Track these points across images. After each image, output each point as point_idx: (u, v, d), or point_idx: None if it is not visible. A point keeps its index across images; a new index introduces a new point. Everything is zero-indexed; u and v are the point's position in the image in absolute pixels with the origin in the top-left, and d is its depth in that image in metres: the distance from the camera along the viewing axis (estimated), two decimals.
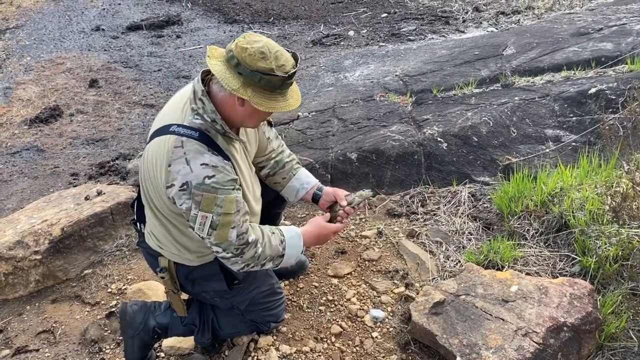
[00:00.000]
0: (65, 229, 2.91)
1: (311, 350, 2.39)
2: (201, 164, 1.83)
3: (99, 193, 3.25)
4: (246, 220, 1.96)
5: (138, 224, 2.22)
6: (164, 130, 1.91)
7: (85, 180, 3.78)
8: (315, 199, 2.43)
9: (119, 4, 7.73)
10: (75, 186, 3.64)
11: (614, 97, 3.50)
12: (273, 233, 2.07)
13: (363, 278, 2.75)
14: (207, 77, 1.96)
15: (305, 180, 2.43)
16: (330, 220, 2.31)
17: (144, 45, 6.38)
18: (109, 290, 2.84)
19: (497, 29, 5.80)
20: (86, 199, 3.20)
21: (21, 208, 3.35)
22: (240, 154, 2.06)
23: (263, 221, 2.24)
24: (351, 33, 6.23)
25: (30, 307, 2.79)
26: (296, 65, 1.88)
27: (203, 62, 5.75)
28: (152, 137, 1.96)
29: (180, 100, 1.99)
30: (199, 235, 1.91)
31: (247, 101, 1.84)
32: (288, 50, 1.91)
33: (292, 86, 1.94)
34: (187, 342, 2.43)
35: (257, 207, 2.16)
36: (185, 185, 1.83)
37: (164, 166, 1.85)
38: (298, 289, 2.72)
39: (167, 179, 1.85)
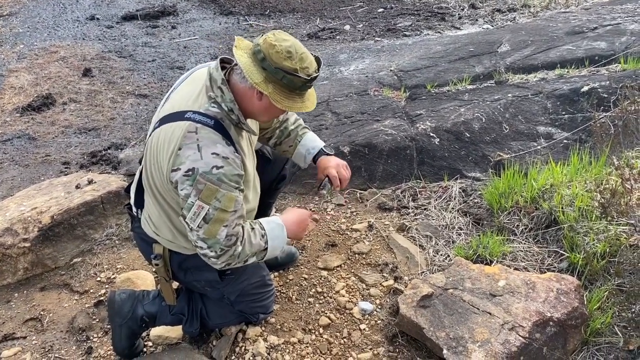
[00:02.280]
0: (55, 217, 2.90)
1: (299, 341, 2.40)
2: (212, 153, 1.83)
3: (90, 182, 3.24)
4: (239, 224, 1.94)
5: (134, 208, 2.21)
6: (178, 116, 1.90)
7: (76, 169, 3.76)
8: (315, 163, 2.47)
9: None
10: (66, 175, 3.62)
11: (606, 96, 3.52)
12: (253, 229, 2.02)
13: (353, 271, 2.76)
14: (224, 65, 1.96)
15: (310, 145, 2.44)
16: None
17: (139, 35, 6.35)
18: (98, 279, 2.83)
19: (492, 26, 5.81)
20: (77, 187, 3.19)
21: (11, 196, 3.33)
22: (247, 145, 2.07)
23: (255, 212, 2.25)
24: (347, 27, 6.22)
25: (18, 294, 2.78)
26: (319, 70, 1.91)
27: (198, 54, 5.73)
28: (162, 121, 1.95)
29: (194, 87, 1.98)
30: (189, 226, 1.89)
31: (266, 96, 1.86)
32: (312, 54, 1.93)
33: (310, 89, 1.97)
34: (175, 332, 2.43)
35: (256, 198, 2.17)
36: (190, 171, 1.82)
37: (174, 149, 1.85)
38: (288, 280, 2.72)
39: (174, 162, 1.85)
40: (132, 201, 2.23)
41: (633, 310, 2.27)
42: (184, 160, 1.83)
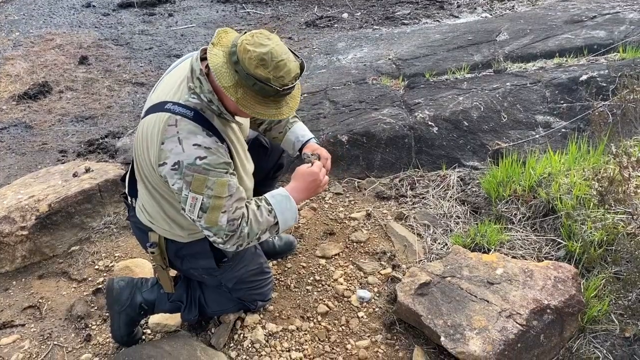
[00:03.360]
0: (52, 205, 2.89)
1: (297, 328, 2.41)
2: (193, 144, 1.81)
3: (87, 170, 3.23)
4: (240, 207, 1.91)
5: (129, 197, 2.21)
6: (158, 107, 1.89)
7: (73, 158, 3.75)
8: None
9: None
10: (63, 163, 3.61)
11: (604, 85, 3.51)
12: (259, 206, 2.00)
13: (351, 259, 2.77)
14: (206, 55, 1.93)
15: (300, 133, 2.38)
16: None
17: (135, 23, 6.30)
18: (96, 267, 2.83)
19: (491, 14, 5.78)
20: (74, 175, 3.18)
21: (8, 184, 3.32)
22: (236, 134, 2.04)
23: None
24: (345, 15, 6.18)
25: (16, 282, 2.78)
26: (299, 77, 1.83)
27: (195, 42, 5.69)
28: (147, 113, 1.94)
29: (177, 77, 1.95)
30: (190, 218, 1.89)
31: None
32: (297, 57, 1.86)
33: (293, 92, 1.89)
34: (173, 319, 2.44)
35: (250, 183, 2.15)
36: (176, 164, 1.81)
37: (157, 144, 1.83)
38: (286, 268, 2.73)
39: (160, 156, 1.84)
40: (126, 190, 2.23)
41: (629, 298, 2.29)
42: (168, 154, 1.82)
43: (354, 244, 2.86)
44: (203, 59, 1.89)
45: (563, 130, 3.35)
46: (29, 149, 3.92)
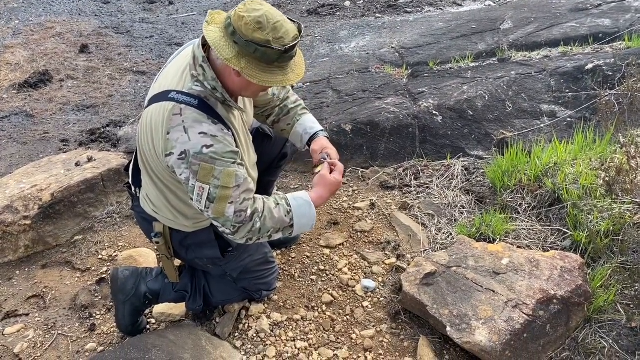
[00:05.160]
0: (55, 194, 2.88)
1: (302, 318, 2.40)
2: (199, 133, 1.79)
3: (90, 159, 3.21)
4: (248, 198, 1.89)
5: (133, 187, 2.19)
6: (162, 96, 1.86)
7: (75, 147, 3.72)
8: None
9: None
10: (65, 152, 3.59)
11: (610, 74, 3.48)
12: (277, 204, 1.98)
13: (355, 249, 2.76)
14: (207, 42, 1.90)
15: (309, 126, 2.33)
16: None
17: (136, 11, 6.25)
18: (100, 256, 2.82)
19: (494, 2, 5.74)
20: (77, 165, 3.16)
21: (10, 173, 3.30)
22: (239, 122, 2.02)
23: (256, 189, 2.22)
24: (347, 3, 6.13)
25: (19, 272, 2.77)
26: (299, 38, 1.79)
27: (196, 30, 5.65)
28: (150, 102, 1.92)
29: (180, 65, 1.93)
30: (198, 208, 1.88)
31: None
32: (293, 21, 1.82)
33: (296, 58, 1.86)
34: (178, 309, 2.43)
35: (254, 173, 2.13)
36: (183, 154, 1.79)
37: (163, 134, 1.81)
38: (290, 258, 2.72)
39: (166, 146, 1.81)
40: (130, 180, 2.21)
41: (636, 288, 2.28)
42: (174, 144, 1.80)
43: (358, 233, 2.85)
44: (205, 45, 1.87)
45: (569, 119, 3.33)
46: (30, 138, 3.90)
